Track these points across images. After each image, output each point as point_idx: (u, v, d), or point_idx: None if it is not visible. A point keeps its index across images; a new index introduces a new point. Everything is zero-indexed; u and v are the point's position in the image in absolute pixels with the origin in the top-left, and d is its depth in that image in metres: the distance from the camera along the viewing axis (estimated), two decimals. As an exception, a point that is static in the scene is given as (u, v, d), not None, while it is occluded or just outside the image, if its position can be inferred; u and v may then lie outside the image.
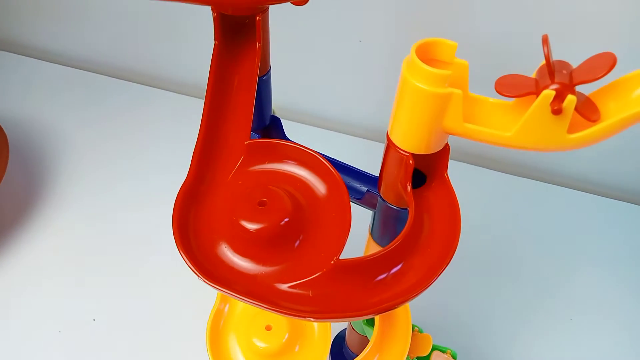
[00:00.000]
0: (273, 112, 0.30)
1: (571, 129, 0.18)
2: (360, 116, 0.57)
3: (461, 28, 0.46)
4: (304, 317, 0.18)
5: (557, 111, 0.18)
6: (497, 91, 0.19)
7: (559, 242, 0.49)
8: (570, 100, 0.17)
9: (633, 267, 0.47)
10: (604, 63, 0.17)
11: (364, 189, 0.26)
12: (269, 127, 0.29)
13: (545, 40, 0.18)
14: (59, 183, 0.50)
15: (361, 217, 0.28)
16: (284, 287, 0.19)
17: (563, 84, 0.18)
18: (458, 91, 0.19)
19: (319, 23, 0.50)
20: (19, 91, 0.59)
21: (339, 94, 0.56)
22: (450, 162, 0.23)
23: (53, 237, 0.46)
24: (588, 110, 0.18)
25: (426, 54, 0.20)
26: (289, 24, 0.50)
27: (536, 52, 0.20)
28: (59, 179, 0.50)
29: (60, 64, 0.62)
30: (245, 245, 0.20)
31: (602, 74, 0.17)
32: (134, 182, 0.51)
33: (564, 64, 0.19)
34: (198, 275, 0.19)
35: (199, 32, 0.49)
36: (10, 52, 0.63)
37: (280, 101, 0.51)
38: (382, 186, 0.25)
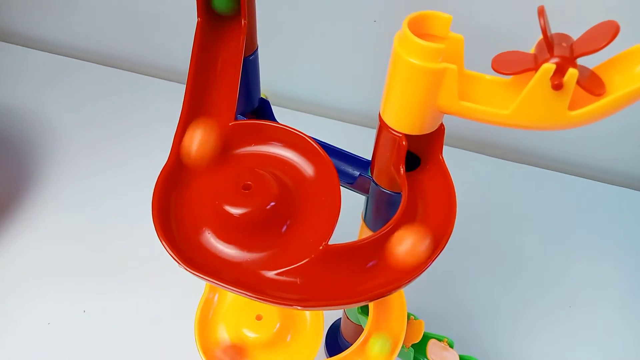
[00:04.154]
0: (265, 99, 0.29)
1: (572, 106, 0.17)
2: (353, 102, 0.56)
3: (458, 4, 0.45)
4: (292, 305, 0.17)
5: (557, 86, 0.17)
6: (494, 69, 0.18)
7: (557, 229, 0.48)
8: (572, 74, 0.16)
9: (632, 254, 0.47)
10: (606, 32, 0.16)
11: (356, 173, 0.25)
12: (257, 110, 0.28)
13: (541, 12, 0.17)
14: (48, 172, 0.49)
15: (354, 203, 0.27)
16: (271, 274, 0.18)
17: (563, 57, 0.17)
18: (453, 66, 0.18)
19: (314, 3, 0.49)
20: (5, 79, 0.58)
21: (332, 78, 0.55)
22: (445, 148, 0.22)
23: (42, 227, 0.45)
24: (592, 84, 0.17)
25: (419, 29, 0.19)
26: (280, 3, 0.49)
27: (536, 28, 0.19)
28: (48, 168, 0.49)
29: (49, 52, 0.61)
30: (230, 231, 0.19)
31: (604, 44, 0.15)
32: (123, 170, 0.50)
33: (563, 37, 0.18)
34: (179, 263, 0.18)
35: (185, 17, 0.48)
36: (-3, 40, 0.62)
37: (271, 86, 0.50)
38: (374, 170, 0.24)
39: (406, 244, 0.19)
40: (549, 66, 0.17)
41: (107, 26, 0.58)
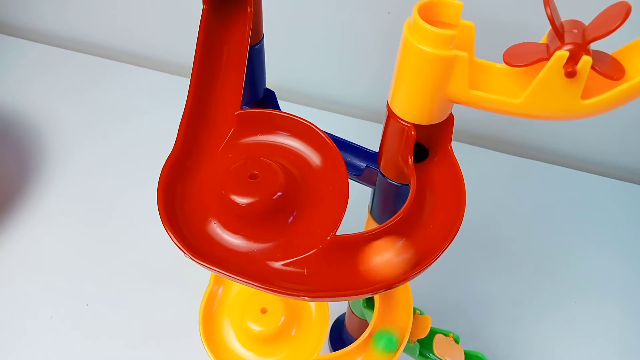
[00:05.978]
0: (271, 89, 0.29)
1: (586, 95, 0.17)
2: (363, 96, 0.56)
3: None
4: (299, 296, 0.17)
5: (570, 74, 0.16)
6: (507, 63, 0.18)
7: (562, 224, 0.48)
8: (586, 61, 0.16)
9: (638, 248, 0.46)
10: (617, 14, 0.15)
11: (363, 164, 0.25)
12: (262, 100, 0.27)
13: (547, 1, 0.17)
14: (48, 166, 0.49)
15: (360, 196, 0.27)
16: (278, 265, 0.18)
17: (575, 43, 0.16)
18: (464, 53, 0.18)
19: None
20: (2, 72, 0.57)
21: (338, 72, 0.55)
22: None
23: (44, 221, 0.45)
24: (610, 69, 0.16)
25: (429, 15, 0.19)
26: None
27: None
28: (48, 162, 0.49)
29: (44, 44, 0.60)
30: (236, 221, 0.19)
31: (616, 26, 0.15)
32: (126, 163, 0.49)
33: (574, 23, 0.17)
34: (185, 253, 0.17)
35: (190, 8, 0.48)
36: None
37: (277, 80, 0.49)
38: (382, 161, 0.23)
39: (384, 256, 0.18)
40: (562, 53, 0.16)
41: (107, 17, 0.58)
